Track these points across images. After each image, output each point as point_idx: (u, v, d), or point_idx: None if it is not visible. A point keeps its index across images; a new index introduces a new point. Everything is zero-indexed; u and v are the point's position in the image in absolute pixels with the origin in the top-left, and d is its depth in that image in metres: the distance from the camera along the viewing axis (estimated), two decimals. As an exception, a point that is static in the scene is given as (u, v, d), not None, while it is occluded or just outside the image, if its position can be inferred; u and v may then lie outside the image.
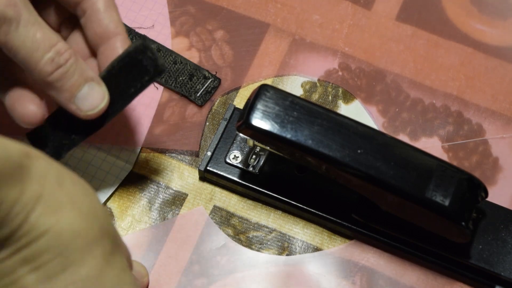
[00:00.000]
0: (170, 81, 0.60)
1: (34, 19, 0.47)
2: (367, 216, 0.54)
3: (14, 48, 0.47)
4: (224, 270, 0.54)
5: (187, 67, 0.60)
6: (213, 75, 0.60)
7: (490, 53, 0.62)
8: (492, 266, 0.53)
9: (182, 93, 0.59)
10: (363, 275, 0.54)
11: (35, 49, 0.47)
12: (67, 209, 0.38)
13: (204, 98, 0.59)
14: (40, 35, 0.47)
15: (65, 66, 0.48)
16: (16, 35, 0.46)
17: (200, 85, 0.59)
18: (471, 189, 0.50)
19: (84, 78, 0.49)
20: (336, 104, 0.60)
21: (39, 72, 0.47)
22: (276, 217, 0.56)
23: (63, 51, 0.48)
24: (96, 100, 0.49)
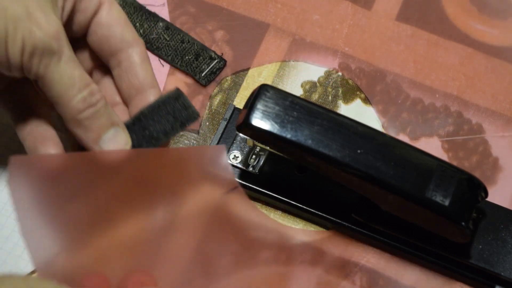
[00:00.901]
0: (176, 59, 0.60)
1: (73, 57, 0.48)
2: (367, 216, 0.54)
3: (51, 82, 0.47)
4: (224, 270, 0.54)
5: (194, 46, 0.60)
6: (219, 56, 0.60)
7: (490, 53, 0.62)
8: (492, 266, 0.53)
9: (187, 72, 0.60)
10: (363, 275, 0.54)
11: (71, 86, 0.47)
12: None
13: (209, 78, 0.60)
14: (77, 73, 0.47)
15: (96, 107, 0.48)
16: (56, 69, 0.47)
17: (206, 65, 0.59)
18: (471, 189, 0.50)
19: (111, 121, 0.50)
20: (336, 104, 0.60)
21: (71, 109, 0.48)
22: (276, 217, 0.56)
23: (95, 92, 0.48)
24: (120, 145, 0.50)
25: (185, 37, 0.61)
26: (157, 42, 0.61)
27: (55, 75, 0.47)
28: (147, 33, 0.61)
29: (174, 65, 0.61)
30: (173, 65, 0.61)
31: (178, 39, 0.61)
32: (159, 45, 0.61)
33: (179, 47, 0.61)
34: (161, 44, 0.61)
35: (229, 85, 0.61)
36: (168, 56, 0.61)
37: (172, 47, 0.61)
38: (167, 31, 0.61)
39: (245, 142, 0.56)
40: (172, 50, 0.60)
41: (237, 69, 0.61)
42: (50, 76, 0.47)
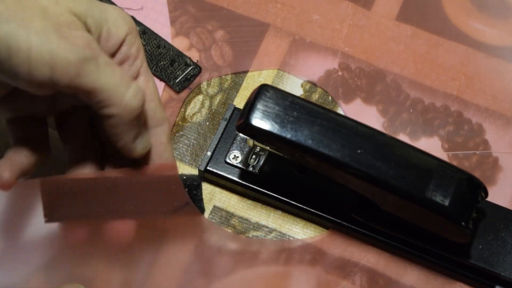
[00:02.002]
0: (151, 64, 0.60)
1: (109, 59, 0.47)
2: (367, 216, 0.54)
3: (98, 87, 0.46)
4: (224, 270, 0.54)
5: (170, 52, 0.60)
6: (194, 63, 0.60)
7: (490, 53, 0.62)
8: (492, 266, 0.53)
9: (161, 77, 0.60)
10: (363, 275, 0.54)
11: (119, 85, 0.47)
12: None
13: (183, 85, 0.60)
14: (119, 71, 0.47)
15: (140, 103, 0.48)
16: (99, 74, 0.46)
17: (180, 72, 0.59)
18: (471, 189, 0.50)
19: (142, 121, 0.50)
20: (336, 104, 0.60)
21: (124, 107, 0.47)
22: (276, 217, 0.56)
23: (139, 86, 0.48)
24: (147, 142, 0.51)
25: (161, 42, 0.60)
26: None
27: (101, 79, 0.46)
28: None
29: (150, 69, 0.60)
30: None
31: (154, 44, 0.60)
32: None
33: (155, 52, 0.60)
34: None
35: (229, 85, 0.61)
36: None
37: (147, 52, 0.60)
38: (144, 36, 0.60)
39: (245, 142, 0.56)
40: (148, 55, 0.60)
41: (238, 70, 0.61)
42: (94, 81, 0.46)
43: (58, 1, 0.46)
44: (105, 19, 0.49)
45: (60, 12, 0.46)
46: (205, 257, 0.54)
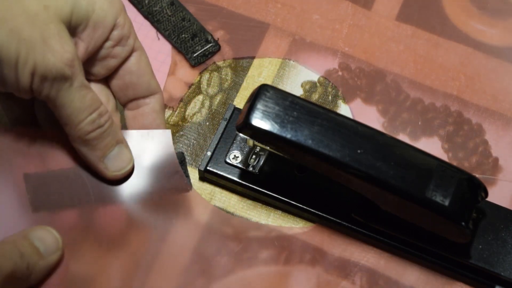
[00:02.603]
0: (173, 35, 0.61)
1: (85, 83, 0.50)
2: (367, 216, 0.54)
3: (62, 105, 0.49)
4: (224, 270, 0.54)
5: (193, 26, 0.61)
6: (214, 41, 0.61)
7: (490, 53, 0.62)
8: (492, 266, 0.53)
9: (180, 49, 0.61)
10: (363, 275, 0.54)
11: (81, 110, 0.49)
12: None
13: (200, 59, 0.61)
14: (88, 98, 0.50)
15: (103, 128, 0.51)
16: (67, 94, 0.49)
17: (200, 47, 0.60)
18: (471, 189, 0.50)
19: (116, 140, 0.52)
20: (336, 104, 0.60)
21: (78, 130, 0.50)
22: (276, 217, 0.56)
23: (103, 113, 0.51)
24: (124, 162, 0.53)
25: (186, 16, 0.61)
26: (159, 15, 0.62)
27: (66, 99, 0.49)
28: (151, 4, 0.62)
29: (169, 40, 0.61)
30: (168, 40, 0.61)
31: (180, 16, 0.61)
32: (160, 18, 0.62)
33: (179, 24, 0.61)
34: (162, 17, 0.62)
35: (229, 85, 0.61)
36: (166, 30, 0.61)
37: (172, 23, 0.61)
38: (171, 7, 0.62)
39: (245, 142, 0.56)
40: (172, 26, 0.61)
41: (238, 70, 0.61)
42: (61, 100, 0.49)
43: (47, 6, 0.47)
44: (92, 9, 0.50)
45: (49, 19, 0.47)
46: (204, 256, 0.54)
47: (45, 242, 0.50)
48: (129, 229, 0.54)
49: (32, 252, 0.49)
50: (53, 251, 0.51)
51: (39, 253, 0.50)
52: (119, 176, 0.53)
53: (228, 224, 0.55)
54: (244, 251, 0.55)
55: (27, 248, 0.49)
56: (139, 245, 0.54)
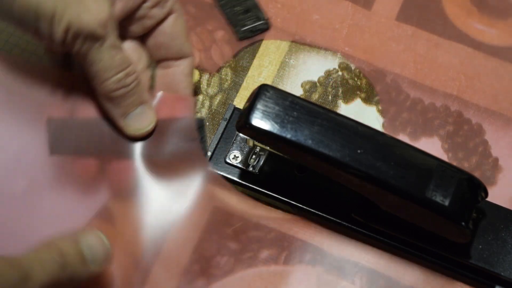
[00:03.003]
0: (227, 7, 0.62)
1: (117, 43, 0.51)
2: (367, 216, 0.54)
3: (91, 62, 0.51)
4: (224, 270, 0.54)
5: (248, 1, 0.62)
6: (265, 19, 0.61)
7: (490, 53, 0.62)
8: (492, 266, 0.53)
9: (230, 21, 0.61)
10: (363, 275, 0.54)
11: (109, 69, 0.51)
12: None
13: (247, 34, 0.61)
14: (118, 58, 0.51)
15: (128, 87, 0.52)
16: (97, 52, 0.50)
17: (250, 22, 0.61)
18: (471, 189, 0.50)
19: (140, 100, 0.53)
20: (336, 104, 0.60)
21: (104, 87, 0.52)
22: (276, 217, 0.56)
23: (130, 74, 0.52)
24: (144, 123, 0.54)
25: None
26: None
27: (95, 57, 0.51)
28: None
29: (223, 10, 0.62)
30: (222, 10, 0.62)
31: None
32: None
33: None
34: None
35: (229, 85, 0.61)
36: (221, 0, 0.62)
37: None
38: None
39: (245, 142, 0.56)
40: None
41: (238, 70, 0.61)
42: (91, 57, 0.51)
43: None
44: None
45: None
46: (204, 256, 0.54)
47: (95, 250, 0.48)
48: (139, 187, 0.54)
49: (78, 261, 0.46)
50: (101, 260, 0.48)
51: (85, 262, 0.47)
52: (138, 135, 0.54)
53: (228, 224, 0.55)
54: (244, 251, 0.55)
55: (74, 257, 0.46)
56: (147, 205, 0.54)
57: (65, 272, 0.45)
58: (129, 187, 0.54)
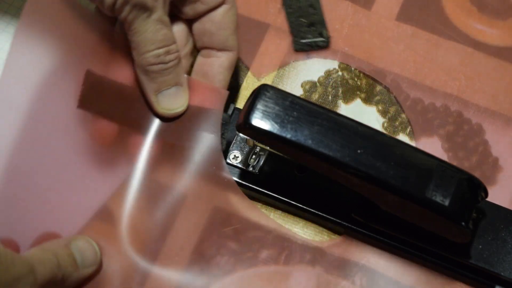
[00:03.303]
0: (293, 16, 0.61)
1: (164, 19, 0.52)
2: (367, 216, 0.54)
3: (135, 31, 0.51)
4: (224, 270, 0.54)
5: (315, 16, 0.61)
6: (327, 38, 0.61)
7: (490, 53, 0.62)
8: (492, 266, 0.53)
9: (292, 29, 0.61)
10: (363, 275, 0.54)
11: (151, 42, 0.52)
12: None
13: (303, 47, 0.61)
14: (162, 33, 0.52)
15: (166, 65, 0.53)
16: (143, 23, 0.51)
17: (311, 36, 0.60)
18: (471, 189, 0.50)
19: (176, 80, 0.54)
20: (336, 104, 0.60)
21: (142, 59, 0.52)
22: (276, 217, 0.56)
23: (171, 52, 0.53)
24: (175, 104, 0.54)
25: (315, 4, 0.61)
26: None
27: (140, 28, 0.51)
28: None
29: (288, 17, 0.61)
30: (287, 17, 0.62)
31: (309, 2, 0.62)
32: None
33: (304, 7, 0.61)
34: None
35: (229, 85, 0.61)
36: (290, 8, 0.62)
37: (299, 2, 0.62)
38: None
39: (245, 142, 0.56)
40: (297, 6, 0.61)
41: (238, 70, 0.61)
42: (136, 26, 0.51)
43: None
44: None
45: None
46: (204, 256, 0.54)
47: (84, 254, 0.51)
48: (156, 165, 0.55)
49: (69, 263, 0.50)
50: (90, 264, 0.51)
51: (75, 265, 0.50)
52: (167, 114, 0.54)
53: (228, 224, 0.55)
54: (244, 251, 0.55)
55: (66, 258, 0.49)
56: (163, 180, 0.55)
57: (59, 272, 0.48)
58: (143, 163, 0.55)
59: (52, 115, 0.54)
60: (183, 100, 0.54)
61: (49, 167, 0.54)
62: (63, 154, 0.54)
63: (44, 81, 0.54)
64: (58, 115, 0.55)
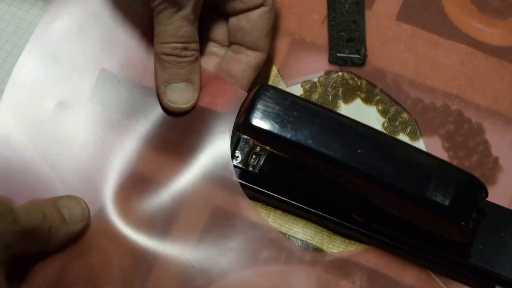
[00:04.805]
0: (335, 28, 0.61)
1: (190, 17, 0.54)
2: (367, 216, 0.54)
3: (160, 21, 0.53)
4: (224, 270, 0.54)
5: (357, 33, 0.61)
6: (364, 57, 0.61)
7: (490, 53, 0.62)
8: (492, 266, 0.53)
9: (331, 42, 0.61)
10: (363, 275, 0.54)
11: (171, 35, 0.54)
12: None
13: (338, 61, 0.61)
14: (184, 30, 0.54)
15: (181, 59, 0.54)
16: (169, 16, 0.53)
17: (347, 51, 0.60)
18: (471, 189, 0.50)
19: (188, 77, 0.55)
20: (336, 104, 0.60)
21: (159, 47, 0.54)
22: (276, 217, 0.56)
23: (189, 49, 0.54)
24: (182, 99, 0.55)
25: (359, 21, 0.61)
26: (338, 3, 0.62)
27: (166, 20, 0.53)
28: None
29: (329, 29, 0.61)
30: (329, 29, 0.62)
31: (353, 17, 0.62)
32: (337, 6, 0.62)
33: (347, 23, 0.61)
34: (339, 7, 0.62)
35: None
36: (333, 19, 0.62)
37: (343, 17, 0.62)
38: (355, 6, 0.62)
39: (245, 142, 0.56)
40: (340, 20, 0.61)
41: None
42: (162, 17, 0.53)
43: None
44: None
45: None
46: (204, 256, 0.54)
47: (72, 210, 0.52)
48: (161, 160, 0.55)
49: (56, 217, 0.51)
50: (78, 220, 0.52)
51: (63, 219, 0.51)
52: (171, 108, 0.55)
53: (228, 224, 0.55)
54: (244, 251, 0.55)
55: (53, 212, 0.51)
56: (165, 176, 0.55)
57: (46, 223, 0.49)
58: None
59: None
60: (190, 97, 0.55)
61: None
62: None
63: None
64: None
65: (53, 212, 0.51)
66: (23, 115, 0.56)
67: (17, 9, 0.62)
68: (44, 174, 0.55)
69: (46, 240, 0.50)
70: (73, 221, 0.52)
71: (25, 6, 0.62)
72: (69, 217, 0.52)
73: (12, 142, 0.55)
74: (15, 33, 0.61)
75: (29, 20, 0.61)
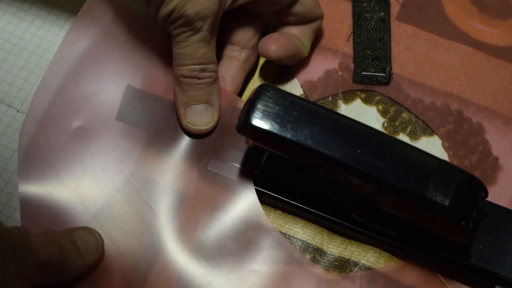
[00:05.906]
0: (360, 45, 0.61)
1: (207, 38, 0.54)
2: (367, 216, 0.54)
3: (177, 43, 0.53)
4: (224, 270, 0.54)
5: (382, 51, 0.61)
6: (389, 74, 0.60)
7: (490, 52, 0.62)
8: (492, 266, 0.53)
9: (355, 59, 0.61)
10: (363, 275, 0.54)
11: (189, 57, 0.54)
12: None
13: (362, 79, 0.60)
14: (201, 52, 0.54)
15: (199, 80, 0.54)
16: (186, 39, 0.53)
17: (373, 69, 0.60)
18: (471, 189, 0.50)
19: (207, 98, 0.55)
20: (336, 104, 0.60)
21: (177, 70, 0.54)
22: (276, 217, 0.56)
23: (207, 70, 0.54)
24: (201, 121, 0.55)
25: (385, 38, 0.61)
26: (364, 20, 0.62)
27: (182, 43, 0.53)
28: (367, 8, 0.63)
29: (354, 46, 0.61)
30: (354, 47, 0.61)
31: (379, 35, 0.61)
32: (362, 24, 0.62)
33: (373, 41, 0.61)
34: (365, 25, 0.62)
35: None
36: (359, 37, 0.61)
37: (368, 35, 0.61)
38: (381, 23, 0.61)
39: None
40: (366, 37, 0.61)
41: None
42: (180, 39, 0.53)
43: None
44: None
45: None
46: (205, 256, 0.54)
47: (87, 243, 0.52)
48: (179, 179, 0.56)
49: (72, 249, 0.51)
50: (93, 252, 0.52)
51: (78, 251, 0.51)
52: (191, 130, 0.56)
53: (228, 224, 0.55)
54: (244, 251, 0.55)
55: (68, 244, 0.50)
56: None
57: (62, 255, 0.49)
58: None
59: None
60: (210, 119, 0.55)
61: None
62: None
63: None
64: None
65: (68, 244, 0.50)
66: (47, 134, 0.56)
67: (38, 27, 0.62)
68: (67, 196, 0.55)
69: (63, 273, 0.50)
70: (88, 253, 0.52)
71: (45, 24, 0.62)
72: (84, 249, 0.51)
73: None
74: (36, 52, 0.61)
75: (49, 39, 0.61)
